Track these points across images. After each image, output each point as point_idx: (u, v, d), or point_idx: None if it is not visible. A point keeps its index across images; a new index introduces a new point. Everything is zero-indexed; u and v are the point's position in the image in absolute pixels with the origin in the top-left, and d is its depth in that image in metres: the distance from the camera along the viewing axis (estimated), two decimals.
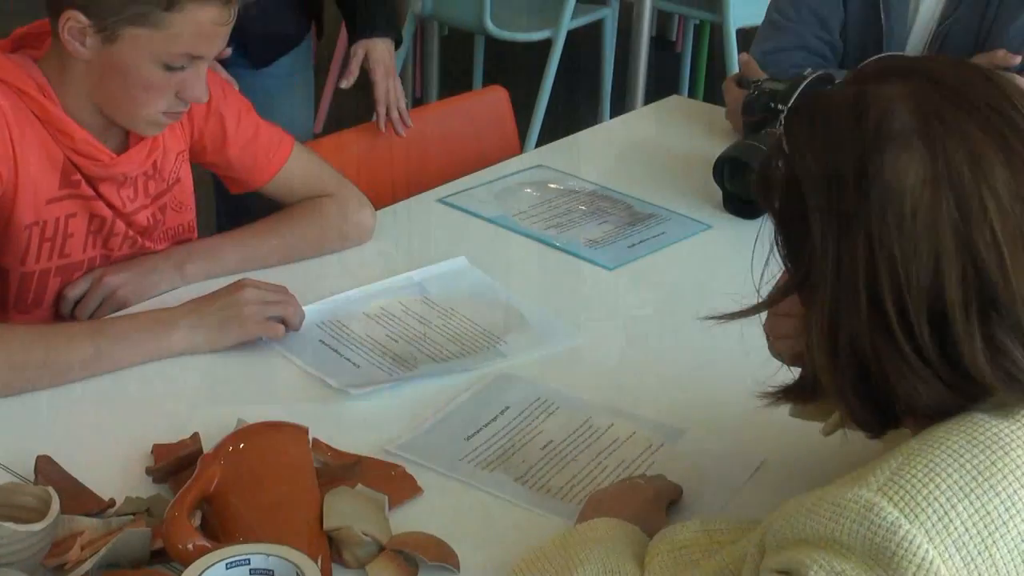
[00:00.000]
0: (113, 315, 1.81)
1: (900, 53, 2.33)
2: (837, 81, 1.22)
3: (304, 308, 1.81)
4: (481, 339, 1.84)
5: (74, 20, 1.69)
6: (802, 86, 2.08)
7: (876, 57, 1.18)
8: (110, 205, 1.87)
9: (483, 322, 1.88)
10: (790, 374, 1.26)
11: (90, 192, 1.84)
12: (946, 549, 0.99)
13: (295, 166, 2.05)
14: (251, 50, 2.52)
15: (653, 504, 1.43)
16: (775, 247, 1.18)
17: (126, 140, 1.87)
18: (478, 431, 1.61)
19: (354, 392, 1.67)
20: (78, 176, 1.82)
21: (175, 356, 1.71)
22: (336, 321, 1.84)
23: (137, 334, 1.70)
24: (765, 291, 1.22)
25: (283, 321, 1.77)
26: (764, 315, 1.24)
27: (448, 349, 1.81)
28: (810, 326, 1.12)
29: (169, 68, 1.73)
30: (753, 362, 1.31)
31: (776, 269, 1.19)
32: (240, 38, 2.04)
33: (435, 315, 1.89)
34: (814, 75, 2.16)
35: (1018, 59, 2.25)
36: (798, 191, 1.12)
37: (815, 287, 1.11)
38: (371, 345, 1.80)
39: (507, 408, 1.65)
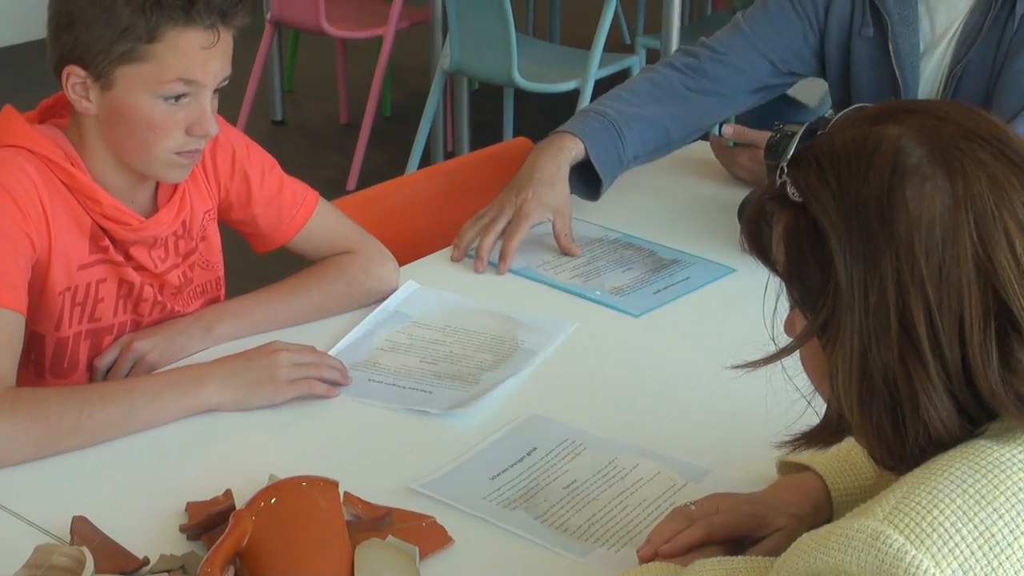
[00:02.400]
0: (146, 374, 1.84)
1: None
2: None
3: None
4: (502, 344, 1.93)
5: (74, 75, 1.74)
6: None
7: (856, 107, 1.21)
8: (141, 267, 1.90)
9: (487, 330, 1.97)
10: (809, 416, 1.28)
11: (119, 257, 1.88)
12: (952, 572, 1.02)
13: (319, 222, 2.07)
14: None
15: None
16: (785, 295, 1.21)
17: (155, 202, 1.91)
18: (504, 471, 1.63)
19: (461, 412, 1.75)
20: (107, 242, 1.86)
21: (206, 411, 1.74)
22: (363, 362, 1.89)
23: (169, 390, 1.73)
24: (781, 338, 1.24)
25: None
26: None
27: (484, 359, 1.89)
28: (835, 367, 1.14)
29: (168, 100, 1.75)
30: (776, 402, 1.33)
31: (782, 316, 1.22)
32: None
33: (441, 335, 1.97)
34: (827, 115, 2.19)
35: None
36: (812, 236, 1.14)
37: (839, 327, 1.13)
38: (418, 372, 1.87)
39: (534, 449, 1.68)
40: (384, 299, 2.08)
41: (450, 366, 1.89)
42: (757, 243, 1.24)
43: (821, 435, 1.25)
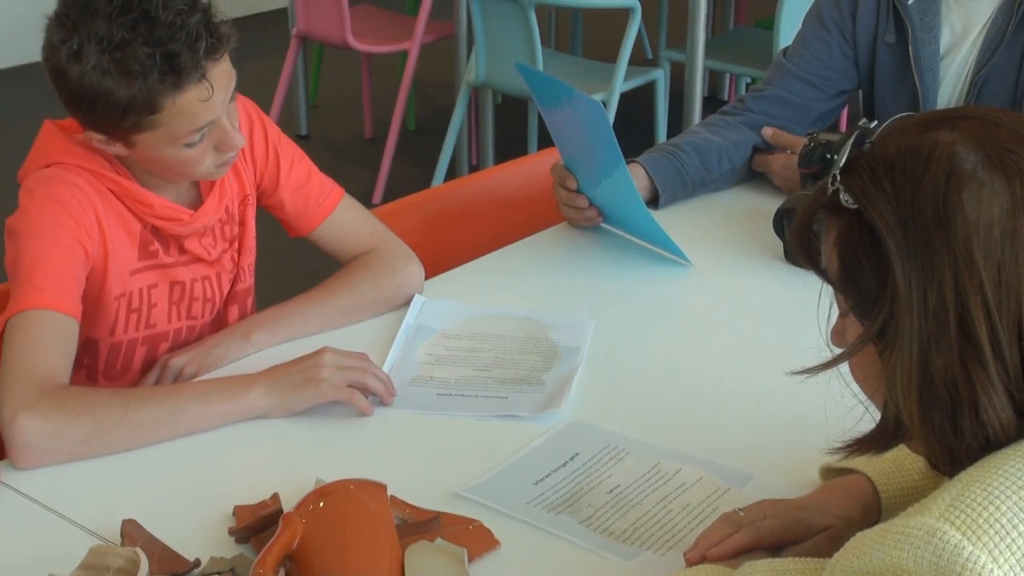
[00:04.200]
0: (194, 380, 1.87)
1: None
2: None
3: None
4: (540, 345, 1.97)
5: (93, 138, 1.79)
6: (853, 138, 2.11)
7: (903, 115, 1.23)
8: (196, 260, 1.95)
9: (518, 333, 2.01)
10: (850, 420, 1.28)
11: (169, 259, 1.92)
12: (1011, 568, 1.03)
13: (344, 215, 2.11)
14: None
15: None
16: (836, 304, 1.22)
17: (198, 191, 1.96)
18: (547, 476, 1.64)
19: (554, 412, 1.78)
20: (156, 246, 1.90)
21: (252, 418, 1.75)
22: (418, 377, 1.89)
23: (215, 393, 1.75)
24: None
25: (363, 389, 1.79)
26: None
27: (535, 361, 1.93)
28: (893, 372, 1.15)
29: (191, 144, 1.78)
30: (817, 407, 1.33)
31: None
32: None
33: (477, 343, 1.98)
34: (871, 125, 2.20)
35: None
36: (868, 243, 1.15)
37: (898, 332, 1.14)
38: (481, 381, 1.88)
39: (577, 454, 1.69)
40: (410, 300, 2.10)
41: (506, 371, 1.90)
42: (807, 252, 1.25)
43: (876, 441, 1.25)
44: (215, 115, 1.77)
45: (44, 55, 1.74)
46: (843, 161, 1.20)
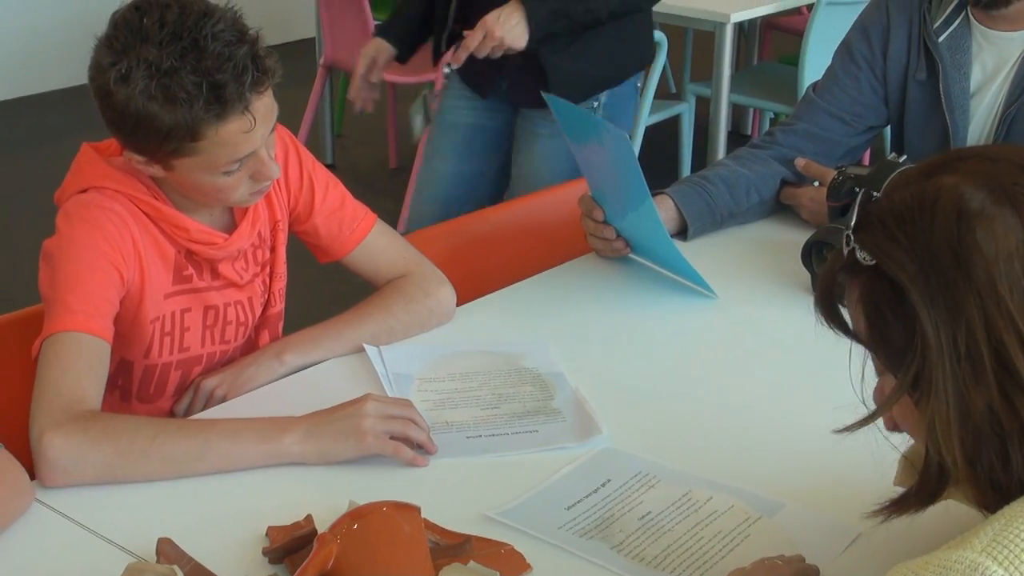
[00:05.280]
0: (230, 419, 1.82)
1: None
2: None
3: None
4: (524, 375, 1.98)
5: (132, 158, 1.81)
6: (892, 172, 2.12)
7: (901, 170, 1.26)
8: (228, 284, 1.97)
9: (495, 367, 2.00)
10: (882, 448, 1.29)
11: (202, 283, 1.94)
12: None
13: (377, 240, 2.13)
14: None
15: None
16: (874, 363, 1.24)
17: (232, 215, 1.98)
18: (578, 501, 1.65)
19: (599, 438, 1.80)
20: (190, 270, 1.92)
21: (284, 463, 1.71)
22: (433, 425, 1.83)
23: (247, 432, 1.72)
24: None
25: (406, 441, 1.75)
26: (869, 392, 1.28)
27: (532, 392, 1.93)
28: (931, 419, 1.16)
29: (229, 172, 1.80)
30: (850, 436, 1.34)
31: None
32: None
33: (464, 384, 1.96)
34: (901, 159, 2.23)
35: None
36: (891, 295, 1.17)
37: (932, 379, 1.15)
38: (498, 419, 1.87)
39: (608, 480, 1.69)
40: (442, 323, 2.12)
41: (513, 406, 1.90)
42: (834, 317, 1.27)
43: (918, 497, 1.26)
44: (255, 147, 1.79)
45: (91, 75, 1.76)
46: (854, 221, 1.21)
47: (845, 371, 1.29)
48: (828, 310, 1.28)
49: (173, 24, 1.71)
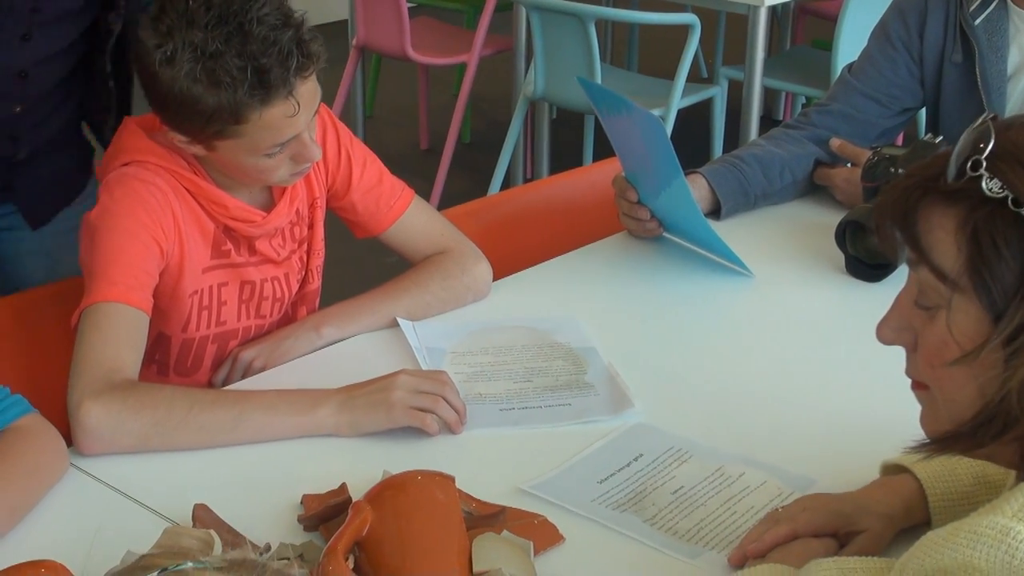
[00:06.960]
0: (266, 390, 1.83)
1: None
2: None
3: None
4: (557, 349, 1.99)
5: (175, 137, 1.82)
6: (928, 152, 2.12)
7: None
8: (266, 260, 1.98)
9: (528, 341, 2.01)
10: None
11: (240, 259, 1.95)
12: None
13: (414, 217, 2.13)
14: (26, 206, 2.25)
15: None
16: (928, 295, 1.18)
17: (270, 193, 1.98)
18: (611, 475, 1.66)
19: (632, 410, 1.81)
20: (228, 245, 1.93)
21: (318, 435, 1.73)
22: (466, 396, 1.84)
23: (282, 404, 1.74)
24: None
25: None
26: (904, 369, 1.25)
27: (565, 366, 1.94)
28: (1014, 370, 1.11)
29: (270, 155, 1.81)
30: (880, 412, 1.34)
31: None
32: (11, 196, 2.15)
33: (497, 357, 1.97)
34: (937, 139, 2.22)
35: None
36: (1010, 232, 1.11)
37: None
38: (532, 392, 1.88)
39: (640, 455, 1.70)
40: (478, 299, 2.14)
41: (546, 379, 1.91)
42: (915, 240, 1.18)
43: (963, 442, 1.20)
44: (298, 131, 1.80)
45: (136, 54, 1.78)
46: (989, 148, 1.13)
47: (878, 350, 1.29)
48: (911, 233, 1.17)
49: (219, 7, 1.71)
